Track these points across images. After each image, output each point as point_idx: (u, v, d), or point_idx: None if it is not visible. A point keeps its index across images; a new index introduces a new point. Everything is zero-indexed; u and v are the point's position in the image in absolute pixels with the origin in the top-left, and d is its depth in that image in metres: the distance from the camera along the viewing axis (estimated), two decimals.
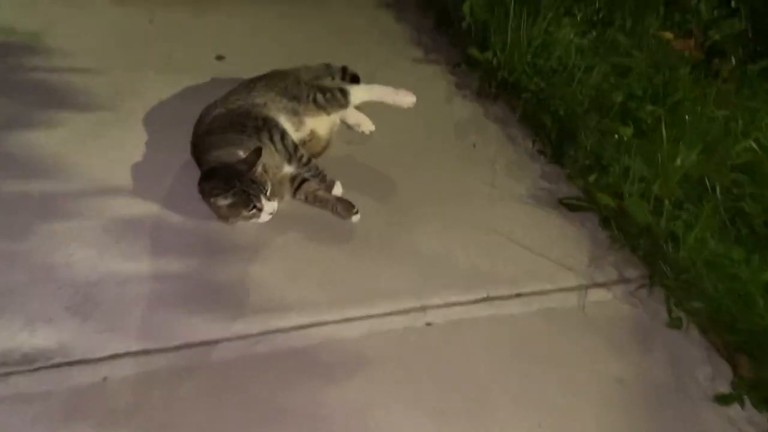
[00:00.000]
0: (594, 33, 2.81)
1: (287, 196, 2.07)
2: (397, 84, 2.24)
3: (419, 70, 2.80)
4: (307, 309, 1.80)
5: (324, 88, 2.20)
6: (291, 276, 1.88)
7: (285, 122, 2.10)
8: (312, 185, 2.08)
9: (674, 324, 1.88)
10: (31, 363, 1.58)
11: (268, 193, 1.88)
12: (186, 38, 2.76)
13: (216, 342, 1.69)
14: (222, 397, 1.57)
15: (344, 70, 2.43)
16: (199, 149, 2.03)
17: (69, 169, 2.08)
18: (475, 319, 1.85)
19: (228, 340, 1.70)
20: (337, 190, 2.07)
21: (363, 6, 3.20)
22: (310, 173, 2.05)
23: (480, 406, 1.63)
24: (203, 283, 1.82)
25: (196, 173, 1.96)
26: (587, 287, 1.95)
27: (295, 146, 2.05)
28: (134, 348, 1.64)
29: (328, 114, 2.20)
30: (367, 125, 2.32)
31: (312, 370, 1.66)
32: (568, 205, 2.21)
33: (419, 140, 2.43)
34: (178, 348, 1.66)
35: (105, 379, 1.57)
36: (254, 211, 1.88)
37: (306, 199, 2.08)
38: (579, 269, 2.01)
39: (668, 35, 2.82)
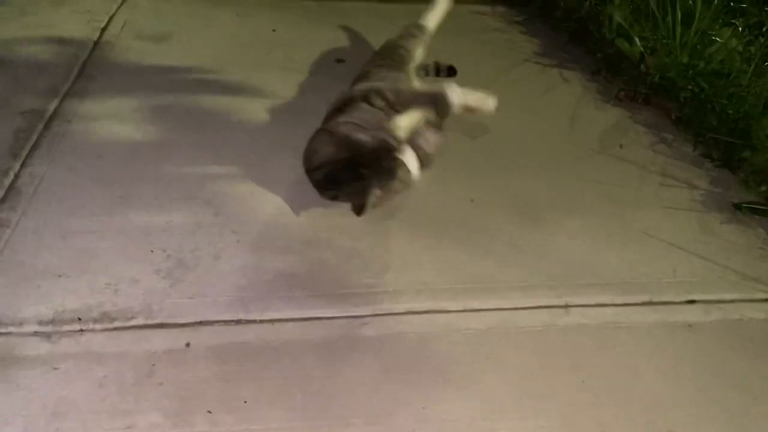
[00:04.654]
0: (761, 40, 2.45)
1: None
2: (527, 90, 2.14)
3: (551, 77, 2.55)
4: (424, 294, 1.51)
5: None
6: (403, 260, 1.61)
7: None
8: None
9: None
10: (109, 321, 1.38)
11: (399, 148, 1.53)
12: (307, 45, 2.68)
13: (316, 319, 1.43)
14: (317, 378, 1.29)
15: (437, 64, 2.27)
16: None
17: (176, 148, 1.95)
18: (635, 323, 1.47)
19: (330, 318, 1.43)
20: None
21: (489, 24, 3.03)
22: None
23: (651, 427, 1.23)
24: (305, 260, 1.59)
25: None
26: None
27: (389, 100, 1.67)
28: (225, 317, 1.41)
29: (422, 43, 2.09)
30: (490, 100, 1.95)
31: (427, 361, 1.34)
32: (747, 210, 1.81)
33: (553, 142, 2.14)
34: (273, 321, 1.41)
35: (188, 345, 1.34)
36: (404, 177, 1.55)
37: None
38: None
39: None
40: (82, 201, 1.69)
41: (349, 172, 1.56)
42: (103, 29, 2.62)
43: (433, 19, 2.23)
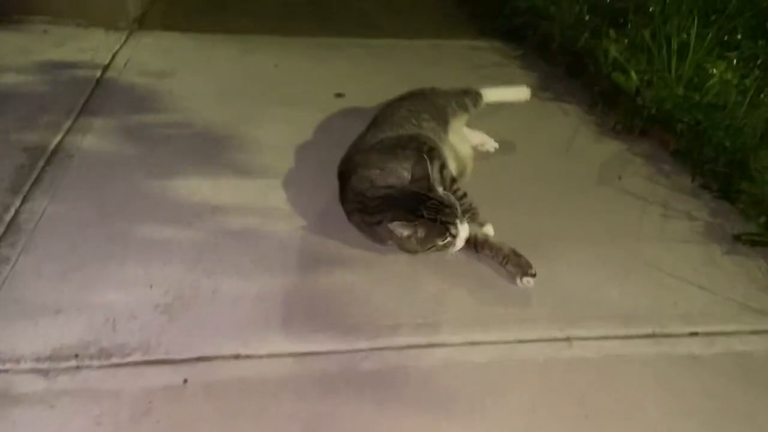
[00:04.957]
0: (756, 72, 2.48)
1: None
2: (526, 123, 2.22)
3: (549, 110, 2.57)
4: (423, 328, 1.49)
5: (457, 91, 2.18)
6: (402, 294, 1.60)
7: (446, 154, 1.90)
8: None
9: None
10: (107, 358, 1.37)
11: (460, 215, 1.61)
12: (308, 80, 2.72)
13: (315, 354, 1.41)
14: (316, 413, 1.27)
15: None
16: (353, 165, 1.82)
17: (178, 183, 1.96)
18: (639, 356, 1.45)
19: (328, 353, 1.42)
20: (489, 230, 1.78)
21: (487, 58, 3.07)
22: (463, 207, 1.75)
23: None
24: (306, 294, 1.58)
25: (306, 191, 1.86)
26: None
27: (453, 179, 1.82)
28: (223, 352, 1.40)
29: (470, 115, 2.16)
30: (491, 143, 2.21)
31: (427, 395, 1.33)
32: (748, 241, 1.81)
33: (553, 174, 2.14)
34: (272, 356, 1.40)
35: (185, 381, 1.32)
36: (449, 239, 1.60)
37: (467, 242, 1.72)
38: None
39: None
40: (82, 236, 1.69)
41: (411, 202, 1.59)
42: (107, 66, 2.66)
43: (495, 96, 2.24)
